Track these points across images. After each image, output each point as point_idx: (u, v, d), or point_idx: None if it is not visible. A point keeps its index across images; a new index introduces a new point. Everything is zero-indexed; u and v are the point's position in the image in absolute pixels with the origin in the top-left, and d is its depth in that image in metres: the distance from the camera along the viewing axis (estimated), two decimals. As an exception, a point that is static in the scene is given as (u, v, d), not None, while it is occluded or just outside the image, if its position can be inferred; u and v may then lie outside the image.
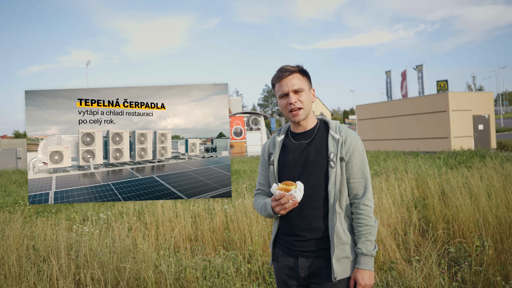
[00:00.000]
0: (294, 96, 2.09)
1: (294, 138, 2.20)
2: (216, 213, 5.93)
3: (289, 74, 2.11)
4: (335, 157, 2.05)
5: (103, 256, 4.20)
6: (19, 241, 4.95)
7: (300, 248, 2.09)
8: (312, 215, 2.06)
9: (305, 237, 2.07)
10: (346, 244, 2.04)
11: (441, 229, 5.02)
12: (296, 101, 2.09)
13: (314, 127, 2.18)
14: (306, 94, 2.12)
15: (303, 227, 2.07)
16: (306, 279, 2.10)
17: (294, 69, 2.12)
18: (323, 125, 2.19)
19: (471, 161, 12.93)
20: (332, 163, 2.04)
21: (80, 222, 6.72)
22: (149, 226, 5.70)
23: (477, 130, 22.20)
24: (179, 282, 3.88)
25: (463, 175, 8.19)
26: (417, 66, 31.34)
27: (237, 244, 4.95)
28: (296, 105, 2.09)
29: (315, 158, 2.07)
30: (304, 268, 2.08)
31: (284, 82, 2.11)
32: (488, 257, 4.02)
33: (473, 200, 5.57)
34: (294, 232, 2.11)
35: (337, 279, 2.01)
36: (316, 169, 2.06)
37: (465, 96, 22.72)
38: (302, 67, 2.16)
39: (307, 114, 2.14)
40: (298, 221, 2.09)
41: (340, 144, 2.06)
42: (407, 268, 3.86)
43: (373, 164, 13.86)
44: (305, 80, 2.15)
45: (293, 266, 2.12)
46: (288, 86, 2.10)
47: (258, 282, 3.95)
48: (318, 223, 2.05)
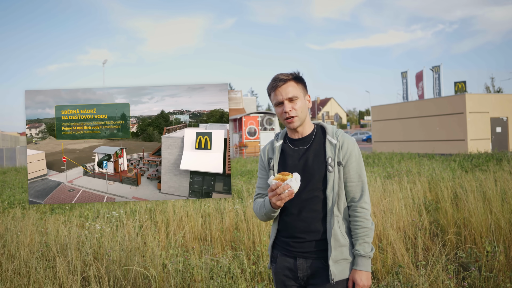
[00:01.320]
0: (288, 104, 2.12)
1: (292, 143, 2.22)
2: (226, 213, 5.96)
3: (283, 83, 2.13)
4: (333, 161, 2.09)
5: (113, 253, 4.26)
6: (32, 237, 5.04)
7: (299, 249, 2.12)
8: (311, 218, 2.10)
9: (305, 239, 2.11)
10: (344, 246, 2.07)
11: (451, 234, 4.96)
12: (291, 109, 2.12)
13: (311, 133, 2.21)
14: (300, 101, 2.14)
15: (303, 229, 2.11)
16: (305, 280, 2.13)
17: (288, 77, 2.14)
18: (320, 131, 2.22)
19: (487, 165, 12.71)
20: (330, 167, 2.08)
21: (93, 219, 6.81)
22: (160, 225, 5.75)
23: (494, 132, 21.83)
24: (186, 282, 3.91)
25: (477, 179, 8.07)
26: (433, 67, 30.90)
27: (245, 244, 4.96)
28: (291, 114, 2.12)
29: (314, 163, 2.11)
30: (302, 269, 2.11)
31: (278, 91, 2.14)
32: (499, 263, 3.95)
33: (486, 204, 5.48)
34: (293, 234, 2.14)
35: (335, 281, 2.04)
36: (315, 173, 2.10)
37: (483, 98, 22.35)
38: (297, 74, 2.18)
39: (302, 121, 2.16)
40: (297, 224, 2.12)
41: (337, 149, 2.10)
42: (414, 272, 3.82)
43: (386, 166, 13.74)
44: (300, 87, 2.17)
45: (291, 267, 2.14)
46: (283, 95, 2.12)
47: (264, 283, 3.96)
48: (317, 225, 2.09)
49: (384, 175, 10.56)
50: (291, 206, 2.14)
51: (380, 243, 4.69)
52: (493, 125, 21.82)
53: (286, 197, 1.95)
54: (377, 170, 12.35)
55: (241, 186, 9.61)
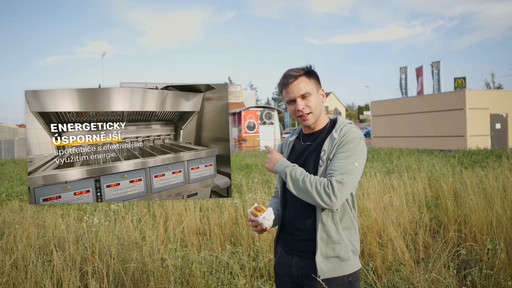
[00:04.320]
0: (301, 102, 2.04)
1: (302, 139, 2.17)
2: (225, 207, 5.92)
3: (294, 80, 2.04)
4: (325, 155, 1.98)
5: (111, 247, 4.22)
6: (29, 230, 5.00)
7: (295, 247, 2.09)
8: (306, 216, 2.04)
9: (300, 236, 2.06)
10: (337, 243, 1.97)
11: (452, 231, 4.93)
12: (304, 107, 2.04)
13: (322, 128, 2.12)
14: (314, 97, 2.06)
15: (299, 227, 2.07)
16: (299, 278, 2.08)
17: (299, 73, 2.05)
18: (330, 125, 2.13)
19: (486, 161, 12.70)
20: (321, 161, 1.98)
21: (91, 212, 6.77)
22: (158, 219, 5.72)
23: (494, 129, 21.82)
24: (185, 276, 3.88)
25: (477, 175, 8.04)
26: (433, 63, 30.80)
27: (245, 239, 4.93)
28: (304, 111, 2.04)
29: (311, 158, 2.04)
30: (297, 267, 2.07)
31: (290, 89, 2.05)
32: (500, 261, 3.93)
33: (487, 201, 5.46)
34: (291, 231, 2.11)
35: (322, 278, 1.94)
36: (309, 169, 2.01)
37: (483, 94, 22.30)
38: (309, 68, 2.08)
39: (316, 117, 2.08)
40: (294, 221, 2.09)
41: (335, 143, 1.97)
42: (415, 270, 3.80)
43: (386, 162, 13.71)
44: (312, 82, 2.07)
45: (288, 263, 2.11)
46: (295, 92, 2.04)
47: (264, 279, 3.93)
48: (312, 224, 2.02)
49: (383, 171, 10.53)
50: (290, 203, 2.11)
51: (380, 239, 4.66)
52: (492, 122, 21.80)
53: (259, 231, 2.08)
54: (377, 165, 12.32)
55: (240, 180, 9.58)
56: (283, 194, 2.18)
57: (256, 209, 2.06)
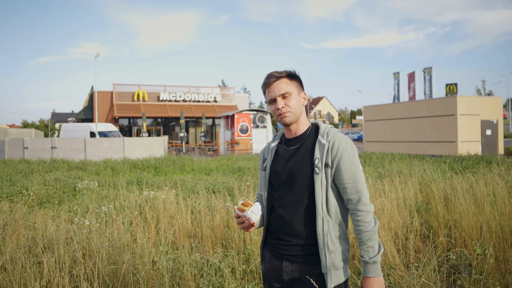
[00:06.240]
0: (281, 101, 2.08)
1: (286, 144, 2.18)
2: (217, 210, 5.91)
3: (276, 80, 2.09)
4: (320, 162, 1.99)
5: (101, 249, 4.20)
6: (19, 231, 4.96)
7: (285, 252, 2.07)
8: (297, 222, 2.03)
9: (291, 242, 2.05)
10: (333, 253, 1.98)
11: (442, 236, 4.97)
12: (284, 106, 2.07)
13: (304, 132, 2.14)
14: (295, 98, 2.09)
15: (288, 232, 2.05)
16: (290, 284, 2.07)
17: (282, 74, 2.10)
18: (314, 130, 2.14)
19: (476, 167, 12.80)
20: (317, 169, 1.99)
21: (82, 214, 6.72)
22: (150, 221, 5.69)
23: (484, 135, 22.00)
24: (176, 279, 3.87)
25: (468, 180, 8.11)
26: (425, 69, 31.06)
27: (236, 243, 4.93)
28: (283, 110, 2.07)
29: (301, 164, 2.04)
30: (287, 272, 2.06)
31: (271, 88, 2.10)
32: (489, 266, 3.96)
33: (477, 207, 5.50)
34: (280, 237, 2.09)
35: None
36: (302, 175, 2.02)
37: (474, 101, 22.50)
38: (291, 72, 2.12)
39: (296, 117, 2.10)
40: (283, 226, 2.07)
41: (326, 150, 2.00)
42: (405, 274, 3.82)
43: (377, 167, 13.78)
44: (294, 84, 2.11)
45: (277, 269, 2.10)
46: (275, 92, 2.08)
47: (254, 282, 3.93)
48: (303, 230, 2.02)
49: (375, 175, 10.58)
50: (277, 208, 2.09)
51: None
52: (483, 128, 21.99)
53: (246, 227, 2.08)
54: (369, 170, 12.37)
55: (232, 183, 9.57)
56: (268, 199, 2.18)
57: (244, 204, 2.06)
